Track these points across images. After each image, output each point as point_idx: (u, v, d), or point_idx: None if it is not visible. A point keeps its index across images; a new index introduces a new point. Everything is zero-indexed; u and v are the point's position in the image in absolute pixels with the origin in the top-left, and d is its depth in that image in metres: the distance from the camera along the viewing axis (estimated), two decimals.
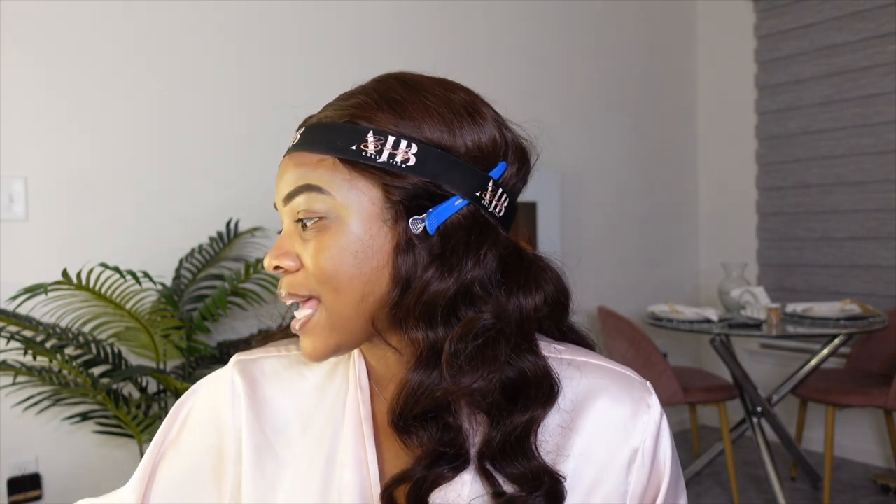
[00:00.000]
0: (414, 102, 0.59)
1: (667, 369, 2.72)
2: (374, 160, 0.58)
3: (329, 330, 0.60)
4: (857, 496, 2.84)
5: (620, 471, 0.61)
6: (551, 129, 3.33)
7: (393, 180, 0.58)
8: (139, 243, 2.15)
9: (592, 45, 3.39)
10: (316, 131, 0.61)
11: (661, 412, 0.63)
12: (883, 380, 2.79)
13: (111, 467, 2.10)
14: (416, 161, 0.58)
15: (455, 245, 0.58)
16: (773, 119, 3.57)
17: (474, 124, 0.61)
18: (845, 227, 3.34)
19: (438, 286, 0.57)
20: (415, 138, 0.58)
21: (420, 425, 0.58)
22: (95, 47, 2.08)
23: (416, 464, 0.58)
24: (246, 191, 2.36)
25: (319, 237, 0.59)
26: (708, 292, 3.79)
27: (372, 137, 0.58)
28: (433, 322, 0.57)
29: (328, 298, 0.59)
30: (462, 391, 0.56)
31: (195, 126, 2.27)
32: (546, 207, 3.07)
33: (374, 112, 0.59)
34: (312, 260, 0.59)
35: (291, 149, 0.62)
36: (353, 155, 0.58)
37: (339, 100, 0.63)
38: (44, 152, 2.01)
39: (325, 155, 0.59)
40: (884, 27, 3.15)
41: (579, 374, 0.63)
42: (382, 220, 0.58)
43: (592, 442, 0.61)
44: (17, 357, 1.89)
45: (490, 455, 0.58)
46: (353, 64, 2.60)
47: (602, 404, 0.62)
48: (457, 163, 0.59)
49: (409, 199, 0.58)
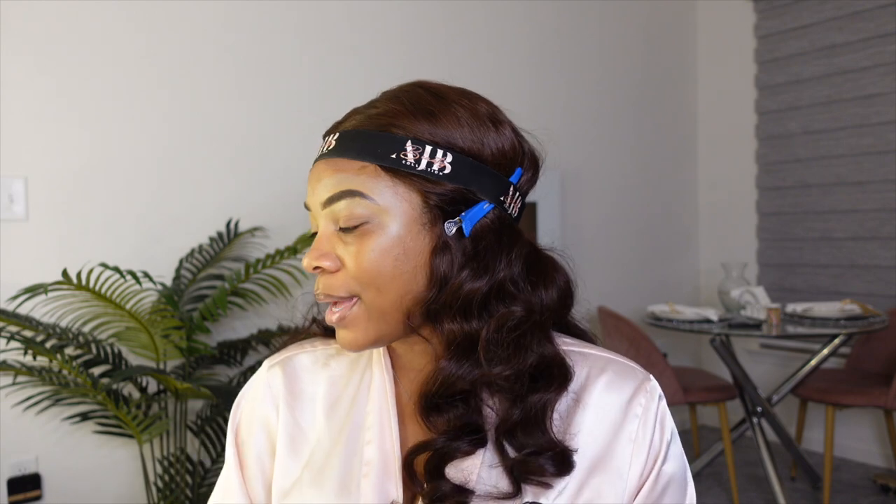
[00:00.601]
0: (446, 113, 0.64)
1: (667, 369, 2.72)
2: (414, 168, 0.62)
3: (368, 323, 0.64)
4: (857, 496, 2.84)
5: (622, 450, 0.65)
6: (552, 128, 3.34)
7: (431, 187, 0.62)
8: (139, 243, 2.15)
9: (592, 45, 3.39)
10: (354, 139, 0.63)
11: (660, 397, 0.67)
12: (883, 380, 2.79)
13: (111, 467, 2.10)
14: (452, 169, 0.63)
15: (486, 246, 0.64)
16: (773, 119, 3.57)
17: (497, 133, 0.66)
18: (845, 227, 3.34)
19: (473, 285, 0.62)
20: (450, 147, 0.63)
21: (447, 407, 0.63)
22: (95, 47, 2.08)
23: (438, 436, 0.63)
24: (246, 191, 2.36)
25: (362, 240, 0.62)
26: (708, 292, 3.79)
27: (410, 146, 0.62)
28: (469, 316, 0.62)
29: (368, 296, 0.63)
30: (494, 377, 0.62)
31: (195, 126, 2.27)
32: (546, 207, 3.07)
33: (410, 122, 0.63)
34: (355, 262, 0.63)
35: (327, 154, 0.65)
36: (393, 163, 0.62)
37: (368, 108, 0.66)
38: (44, 152, 2.01)
39: (366, 162, 0.62)
40: (884, 27, 3.15)
41: (584, 363, 0.69)
42: (421, 224, 0.63)
43: (595, 425, 0.65)
44: (17, 357, 1.89)
45: (507, 430, 0.63)
46: (355, 64, 2.60)
47: (604, 390, 0.67)
48: (485, 170, 0.64)
49: (446, 203, 0.63)
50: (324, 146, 0.66)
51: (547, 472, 0.62)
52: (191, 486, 2.03)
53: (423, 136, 0.62)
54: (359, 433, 0.70)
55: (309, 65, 2.51)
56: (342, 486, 0.68)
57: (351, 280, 0.63)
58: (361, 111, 0.66)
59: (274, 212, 2.39)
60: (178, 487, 1.99)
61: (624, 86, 3.53)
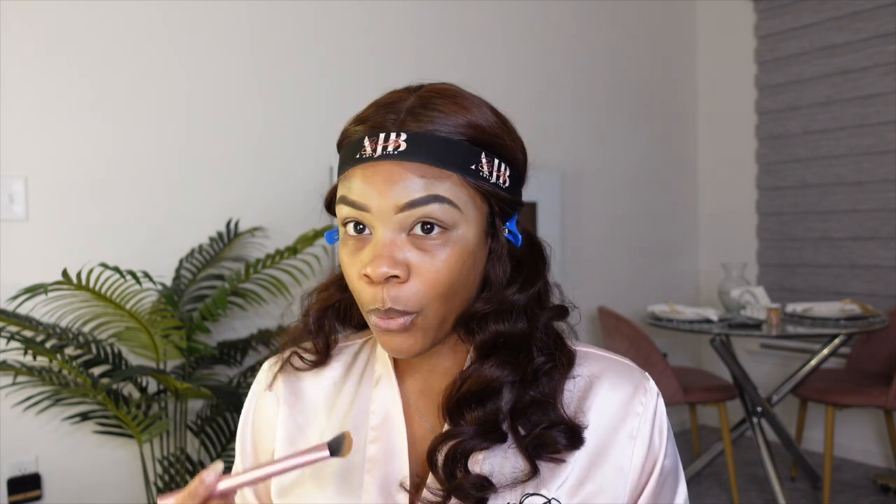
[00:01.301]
0: (497, 123, 0.66)
1: (667, 369, 2.72)
2: (488, 180, 0.64)
3: (428, 332, 0.64)
4: (857, 496, 2.84)
5: (622, 447, 0.66)
6: (552, 129, 3.34)
7: (498, 198, 0.65)
8: (139, 243, 2.15)
9: (592, 45, 3.39)
10: (431, 144, 0.61)
11: (658, 395, 0.69)
12: (883, 380, 2.79)
13: (111, 467, 2.10)
14: (510, 182, 0.66)
15: (526, 251, 0.69)
16: (773, 119, 3.57)
17: (521, 141, 0.69)
18: (845, 227, 3.34)
19: (520, 296, 0.66)
20: (508, 161, 0.66)
21: (477, 406, 0.64)
22: (95, 48, 2.08)
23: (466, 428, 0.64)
24: (246, 191, 2.36)
25: (443, 250, 0.62)
26: (708, 292, 3.79)
27: (485, 158, 0.64)
28: (518, 318, 0.65)
29: (435, 307, 0.63)
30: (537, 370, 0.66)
31: (195, 126, 2.27)
32: (546, 207, 3.07)
33: (481, 131, 0.64)
34: (433, 271, 0.61)
35: (398, 156, 0.61)
36: (473, 175, 0.63)
37: (430, 110, 0.63)
38: (44, 152, 2.01)
39: (449, 171, 0.62)
40: (884, 27, 3.15)
41: (587, 362, 0.71)
42: (485, 233, 0.65)
43: (598, 422, 0.67)
44: (17, 357, 1.89)
45: (521, 411, 0.65)
46: (356, 64, 2.60)
47: (604, 390, 0.68)
48: (522, 181, 0.69)
49: (504, 214, 0.66)
50: (384, 144, 0.61)
51: (560, 444, 0.64)
52: None
53: (492, 147, 0.64)
54: (360, 432, 0.70)
55: (309, 65, 2.51)
56: (344, 483, 0.69)
57: (424, 290, 0.61)
58: (414, 110, 0.62)
59: (274, 212, 2.39)
60: (178, 487, 1.99)
61: (624, 85, 3.53)
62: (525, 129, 0.71)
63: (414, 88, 0.66)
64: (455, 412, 0.65)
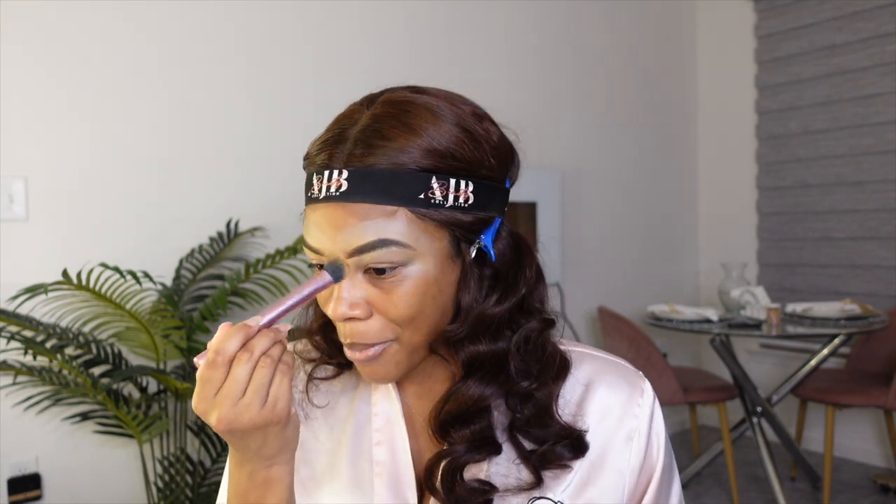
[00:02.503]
0: (456, 136, 0.60)
1: (667, 369, 2.72)
2: (443, 205, 0.59)
3: (401, 359, 0.64)
4: (857, 496, 2.84)
5: (620, 449, 0.67)
6: (552, 128, 3.34)
7: (459, 220, 0.60)
8: (139, 243, 2.15)
9: (592, 45, 3.39)
10: (373, 180, 0.58)
11: (654, 396, 0.70)
12: (883, 380, 2.79)
13: (111, 467, 2.10)
14: (475, 198, 0.61)
15: (506, 264, 0.64)
16: (773, 119, 3.57)
17: (493, 140, 0.63)
18: (845, 227, 3.34)
19: (499, 308, 0.63)
20: (469, 175, 0.61)
21: (465, 424, 0.64)
22: (95, 48, 2.08)
23: (457, 446, 0.64)
24: (246, 191, 2.36)
25: (400, 286, 0.60)
26: (708, 292, 3.79)
27: (436, 183, 0.59)
28: (496, 337, 0.63)
29: (405, 337, 0.62)
30: (522, 390, 0.64)
31: (195, 126, 2.27)
32: (546, 207, 3.07)
33: (428, 153, 0.59)
34: (393, 308, 0.60)
35: (340, 197, 0.58)
36: (424, 204, 0.59)
37: (369, 136, 0.59)
38: (44, 152, 2.01)
39: (396, 206, 0.58)
40: (884, 27, 3.15)
41: (584, 363, 0.71)
42: (450, 258, 0.62)
43: (595, 425, 0.67)
44: (17, 357, 1.89)
45: (520, 426, 0.65)
46: (356, 64, 2.60)
47: (602, 392, 0.69)
48: (497, 188, 0.63)
49: (470, 233, 0.62)
50: (327, 184, 0.59)
51: (565, 458, 0.65)
52: (191, 486, 2.03)
53: (443, 168, 0.59)
54: (364, 435, 0.71)
55: (310, 64, 2.51)
56: (354, 486, 0.69)
57: (387, 326, 0.61)
58: (358, 139, 0.59)
59: (274, 212, 2.39)
60: (178, 487, 1.99)
61: (624, 85, 3.53)
62: (525, 129, 0.69)
63: (369, 101, 0.63)
64: (442, 432, 0.64)
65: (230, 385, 0.56)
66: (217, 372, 0.56)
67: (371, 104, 0.62)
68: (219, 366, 0.56)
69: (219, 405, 0.56)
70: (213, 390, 0.56)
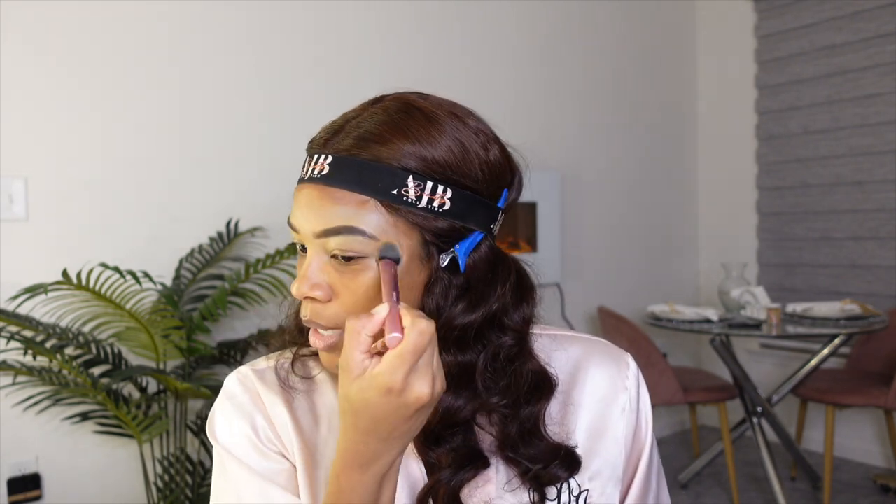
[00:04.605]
0: (444, 143, 0.61)
1: (667, 369, 2.72)
2: (415, 205, 0.60)
3: None
4: (857, 496, 2.84)
5: (616, 419, 0.72)
6: (552, 129, 3.33)
7: (430, 223, 0.60)
8: (139, 243, 2.15)
9: (592, 45, 3.39)
10: (352, 168, 0.60)
11: (637, 368, 0.76)
12: (883, 380, 2.79)
13: (111, 467, 2.10)
14: (451, 205, 0.61)
15: (479, 277, 0.63)
16: (773, 119, 3.57)
17: (489, 159, 0.64)
18: (845, 227, 3.34)
19: (467, 318, 0.62)
20: (449, 182, 0.61)
21: (447, 439, 0.64)
22: (96, 47, 2.08)
23: (443, 471, 0.64)
24: (246, 191, 2.36)
25: (360, 276, 0.61)
26: (708, 292, 3.79)
27: (412, 182, 0.60)
28: (464, 347, 0.63)
29: None
30: (493, 406, 0.64)
31: (195, 126, 2.27)
32: (546, 207, 3.07)
33: (410, 154, 0.60)
34: (351, 295, 0.61)
35: (320, 180, 0.61)
36: (395, 199, 0.59)
37: (359, 128, 0.61)
38: (44, 152, 2.01)
39: (366, 196, 0.59)
40: (884, 27, 3.15)
41: (573, 345, 0.75)
42: (419, 259, 0.62)
43: (592, 400, 0.72)
44: (17, 357, 1.89)
45: (510, 445, 0.66)
46: (356, 64, 2.60)
47: (592, 370, 0.73)
48: (480, 201, 0.63)
49: (442, 239, 0.61)
50: (313, 166, 0.62)
51: (561, 477, 0.67)
52: (191, 486, 2.03)
53: (423, 170, 0.60)
54: None
55: (310, 64, 2.51)
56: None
57: (343, 312, 0.61)
58: (351, 131, 0.61)
59: (274, 212, 2.39)
60: (178, 487, 1.99)
61: (624, 85, 3.53)
62: (525, 129, 0.70)
63: (376, 100, 0.65)
64: (426, 446, 0.64)
65: (427, 359, 0.53)
66: (430, 346, 0.54)
67: (377, 103, 0.64)
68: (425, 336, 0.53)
69: (428, 378, 0.53)
70: (431, 360, 0.54)
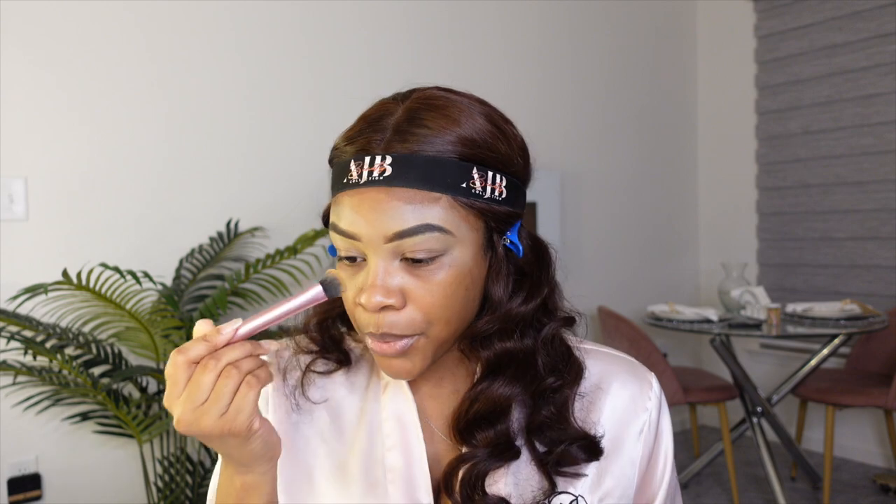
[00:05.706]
0: (491, 131, 0.62)
1: (667, 369, 2.72)
2: (482, 196, 0.61)
3: (427, 353, 0.63)
4: (857, 496, 2.84)
5: (633, 440, 0.70)
6: (552, 129, 3.33)
7: (494, 213, 0.62)
8: (139, 243, 2.15)
9: (592, 45, 3.39)
10: (418, 166, 0.58)
11: (661, 390, 0.73)
12: (883, 380, 2.79)
13: (111, 467, 2.10)
14: (507, 193, 0.63)
15: (530, 264, 0.66)
16: (773, 119, 3.57)
17: (522, 145, 0.66)
18: (845, 227, 3.34)
19: (524, 308, 0.64)
20: (503, 171, 0.62)
21: (488, 426, 0.64)
22: (96, 47, 2.08)
23: (479, 450, 0.64)
24: (246, 191, 2.36)
25: (437, 275, 0.60)
26: (708, 292, 3.79)
27: (476, 174, 0.60)
28: (523, 335, 0.64)
29: (435, 330, 0.62)
30: (546, 387, 0.65)
31: (195, 126, 2.27)
32: (546, 207, 3.07)
33: (470, 144, 0.60)
34: (429, 297, 0.60)
35: (384, 182, 0.58)
36: (465, 193, 0.60)
37: (413, 126, 0.60)
38: (44, 152, 2.01)
39: (439, 193, 0.59)
40: (884, 27, 3.15)
41: (597, 360, 0.72)
42: (482, 250, 0.62)
43: (611, 418, 0.70)
44: (17, 357, 1.89)
45: (536, 427, 0.65)
46: (356, 64, 2.60)
47: (615, 388, 0.71)
48: (520, 187, 0.65)
49: (504, 225, 0.63)
50: (369, 169, 0.59)
51: (580, 459, 0.66)
52: (191, 486, 2.03)
53: (482, 160, 0.61)
54: (375, 440, 0.69)
55: (310, 64, 2.51)
56: (368, 491, 0.68)
57: (419, 316, 0.60)
58: (402, 128, 0.60)
59: (274, 212, 2.39)
60: (178, 487, 1.99)
61: (624, 85, 3.53)
62: (525, 129, 0.70)
63: (402, 97, 0.63)
64: (466, 434, 0.64)
65: (192, 388, 0.56)
66: (179, 372, 0.57)
67: (405, 99, 0.63)
68: (179, 366, 0.57)
69: (180, 405, 0.57)
70: (176, 389, 0.57)
